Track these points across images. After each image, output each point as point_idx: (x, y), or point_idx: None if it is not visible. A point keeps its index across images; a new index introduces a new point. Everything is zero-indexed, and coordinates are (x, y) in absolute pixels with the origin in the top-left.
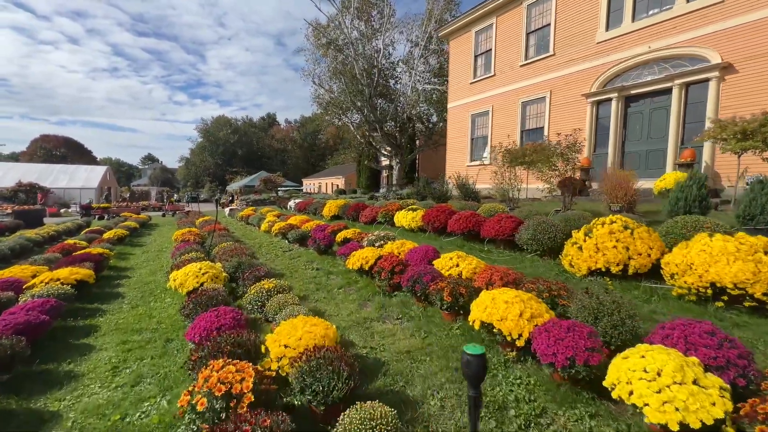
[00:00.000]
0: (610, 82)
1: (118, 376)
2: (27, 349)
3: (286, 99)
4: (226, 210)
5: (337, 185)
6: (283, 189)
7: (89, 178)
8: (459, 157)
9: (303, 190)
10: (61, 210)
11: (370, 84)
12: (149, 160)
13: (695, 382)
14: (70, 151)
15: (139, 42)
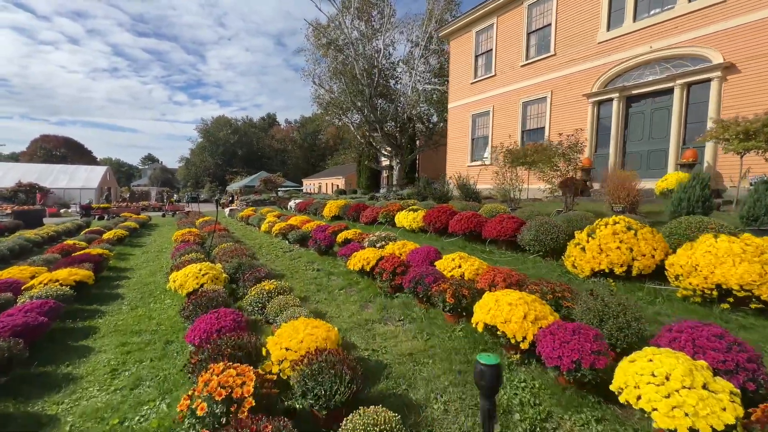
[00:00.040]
0: (611, 82)
1: (117, 379)
2: (25, 351)
3: (286, 99)
4: (226, 210)
5: (337, 185)
6: (283, 189)
7: (89, 179)
8: (459, 157)
9: (303, 191)
10: (60, 210)
11: (370, 84)
12: (149, 160)
13: (705, 386)
14: (70, 152)
15: (140, 42)
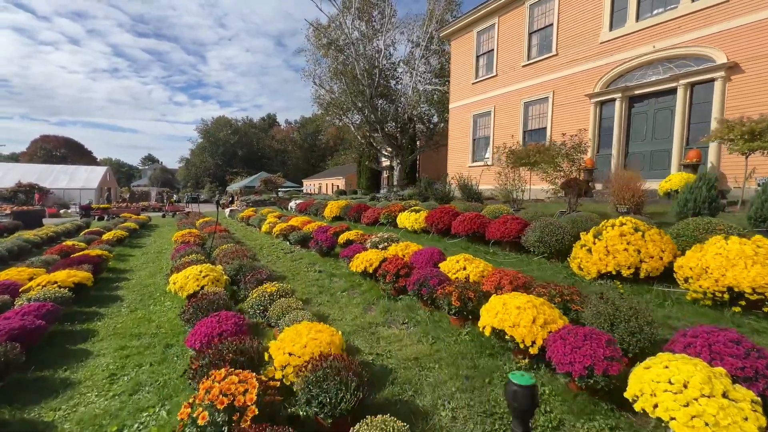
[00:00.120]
0: (613, 83)
1: (116, 384)
2: (21, 355)
3: (286, 100)
4: (227, 211)
5: (338, 186)
6: (283, 190)
7: (89, 179)
8: (460, 157)
9: (303, 191)
10: (60, 211)
11: (371, 84)
12: (149, 160)
13: (725, 394)
14: (71, 152)
15: (140, 43)
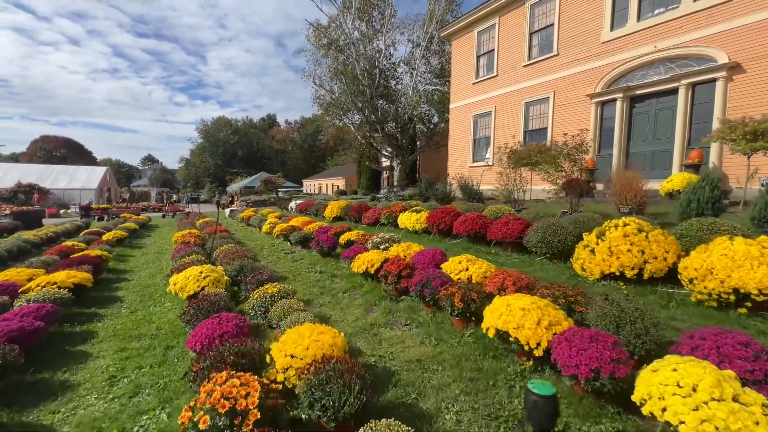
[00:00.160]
0: (614, 83)
1: (116, 386)
2: (20, 357)
3: (286, 100)
4: (227, 211)
5: (338, 186)
6: (283, 190)
7: (89, 179)
8: (461, 157)
9: (303, 191)
10: (60, 211)
11: (371, 85)
12: (149, 160)
13: (735, 398)
14: (71, 152)
15: (140, 43)
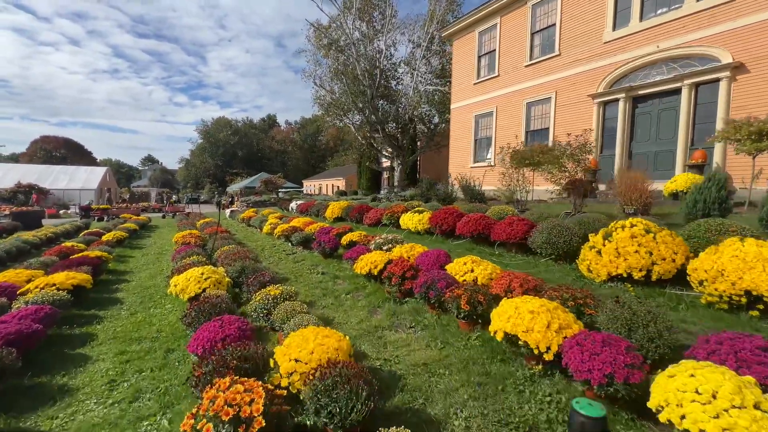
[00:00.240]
0: (617, 83)
1: (116, 391)
2: (18, 361)
3: (286, 101)
4: (227, 212)
5: (338, 186)
6: (283, 190)
7: (89, 179)
8: (462, 158)
9: (303, 192)
10: (60, 211)
11: (371, 85)
12: (149, 161)
13: (756, 405)
14: (70, 152)
15: (140, 43)
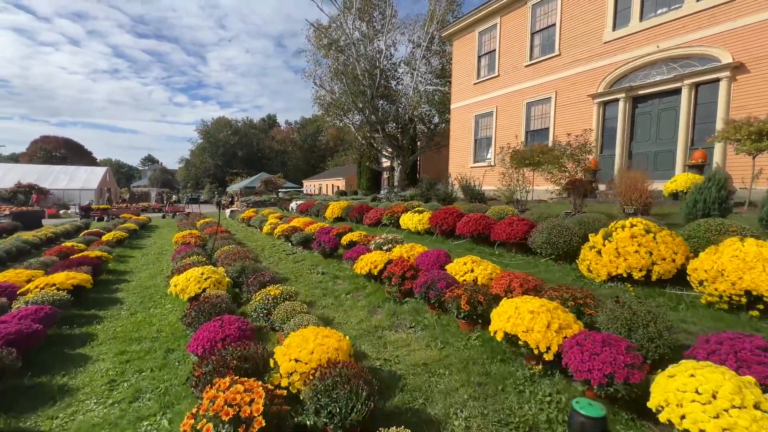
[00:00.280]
0: (617, 83)
1: (116, 391)
2: (18, 361)
3: (286, 101)
4: (227, 212)
5: (338, 186)
6: (283, 190)
7: (89, 179)
8: (462, 158)
9: (303, 192)
10: (60, 211)
11: (371, 85)
12: (149, 161)
13: (756, 406)
14: (70, 153)
15: (140, 44)
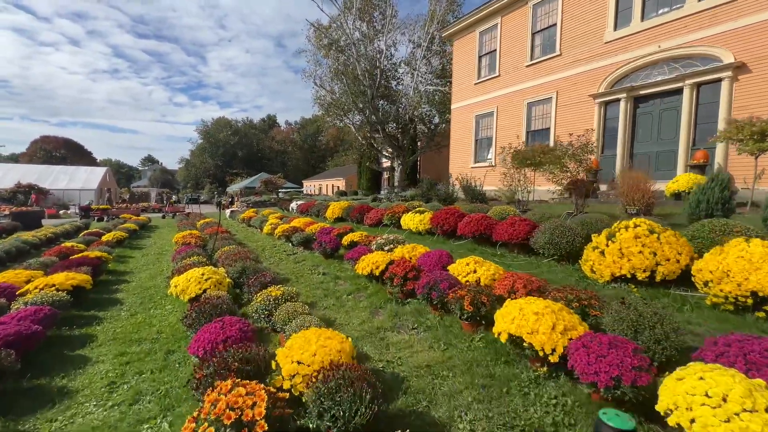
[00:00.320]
0: (618, 83)
1: (116, 393)
2: (17, 362)
3: (286, 101)
4: (227, 212)
5: (338, 187)
6: (283, 190)
7: (89, 180)
8: (463, 158)
9: (303, 192)
10: (60, 212)
11: (372, 85)
12: (149, 161)
13: None
14: (70, 153)
15: (140, 44)
